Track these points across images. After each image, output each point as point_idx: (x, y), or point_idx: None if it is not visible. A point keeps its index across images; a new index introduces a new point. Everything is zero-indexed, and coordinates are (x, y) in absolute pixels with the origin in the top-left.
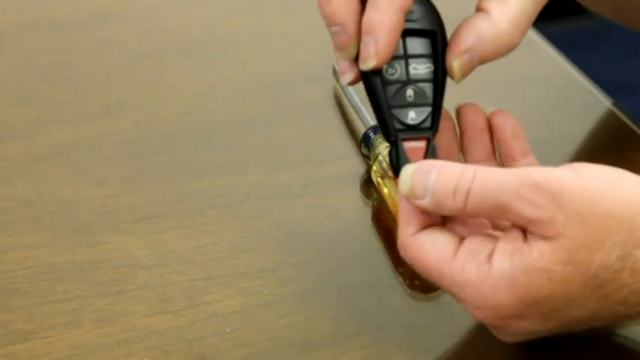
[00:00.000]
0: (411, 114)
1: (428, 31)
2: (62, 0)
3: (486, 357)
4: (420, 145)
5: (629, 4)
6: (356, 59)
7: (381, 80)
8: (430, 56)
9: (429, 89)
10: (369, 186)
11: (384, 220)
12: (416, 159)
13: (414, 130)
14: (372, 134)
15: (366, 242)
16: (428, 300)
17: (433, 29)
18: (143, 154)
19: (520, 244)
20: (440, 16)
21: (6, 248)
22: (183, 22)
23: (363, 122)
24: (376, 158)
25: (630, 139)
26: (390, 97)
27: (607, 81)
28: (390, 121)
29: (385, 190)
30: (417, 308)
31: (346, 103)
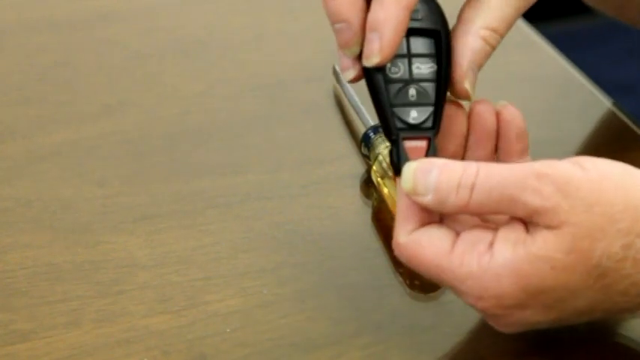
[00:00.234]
0: (413, 113)
1: (432, 30)
2: (62, 0)
3: (486, 357)
4: (421, 144)
5: (631, 1)
6: (359, 57)
7: (383, 78)
8: (433, 56)
9: (432, 89)
10: (369, 186)
11: (384, 220)
12: (416, 158)
13: (416, 129)
14: (372, 134)
15: (366, 242)
16: (428, 300)
17: (437, 29)
18: (143, 154)
19: (523, 235)
20: (444, 15)
21: (6, 248)
22: (183, 22)
23: (363, 122)
24: (376, 158)
25: (630, 139)
26: (392, 96)
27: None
28: (391, 120)
29: (385, 190)
30: (417, 308)
31: (346, 103)
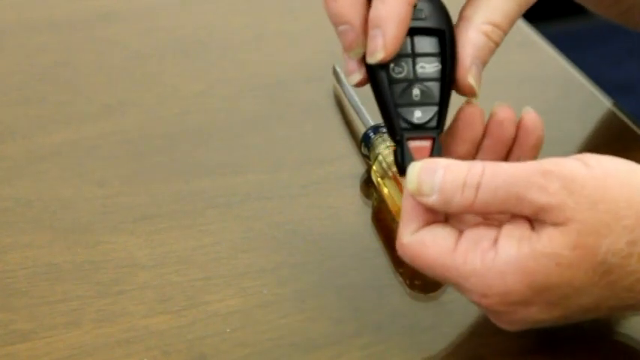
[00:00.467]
0: (417, 113)
1: (436, 29)
2: (62, 0)
3: (486, 356)
4: (425, 144)
5: (635, 7)
6: (364, 59)
7: (387, 78)
8: (438, 55)
9: (436, 88)
10: (369, 186)
11: (384, 220)
12: (421, 158)
13: (420, 129)
14: (372, 134)
15: (366, 242)
16: (428, 300)
17: (441, 28)
18: (143, 154)
19: (527, 232)
20: (449, 14)
21: (6, 248)
22: (183, 22)
23: (363, 122)
24: (376, 158)
25: (630, 139)
26: (396, 96)
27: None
28: (395, 120)
29: (385, 190)
30: (417, 308)
31: (346, 103)
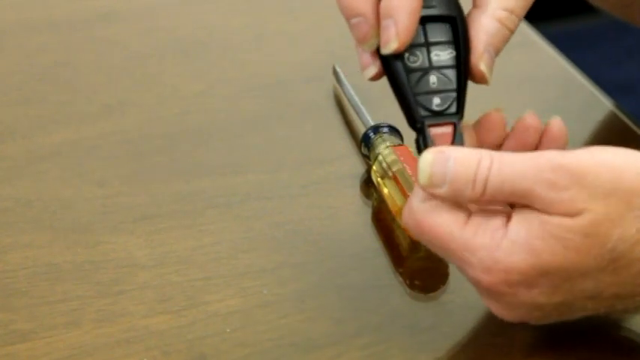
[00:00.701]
0: (436, 100)
1: (448, 16)
2: (62, 0)
3: (486, 357)
4: (446, 130)
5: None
6: (377, 52)
7: (404, 68)
8: (451, 42)
9: (453, 75)
10: (369, 186)
11: (384, 220)
12: (443, 145)
13: (440, 115)
14: (372, 134)
15: (366, 242)
16: (428, 300)
17: (453, 15)
18: (143, 154)
19: (539, 215)
20: (458, 1)
21: (6, 248)
22: (183, 22)
23: (363, 122)
24: (376, 158)
25: (631, 139)
26: (413, 85)
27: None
28: (415, 108)
29: (385, 190)
30: (417, 308)
31: (346, 103)
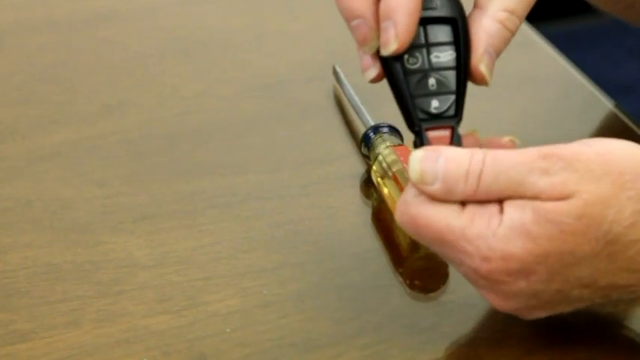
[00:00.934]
0: (434, 103)
1: (448, 18)
2: (62, 0)
3: (486, 357)
4: (444, 133)
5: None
6: (378, 54)
7: (402, 70)
8: (452, 44)
9: (452, 77)
10: (369, 186)
11: (384, 220)
12: None
13: (438, 118)
14: (372, 134)
15: (366, 242)
16: (428, 300)
17: (454, 16)
18: (143, 154)
19: (532, 201)
20: (460, 2)
21: (6, 248)
22: (183, 22)
23: (363, 122)
24: (376, 158)
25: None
26: (412, 87)
27: (607, 81)
28: (413, 111)
29: (385, 190)
30: (417, 308)
31: (346, 103)
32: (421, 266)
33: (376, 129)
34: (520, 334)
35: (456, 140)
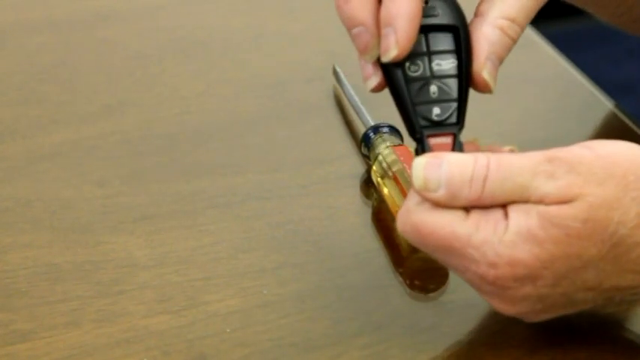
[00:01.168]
0: (436, 110)
1: (450, 26)
2: (62, 0)
3: (486, 357)
4: (446, 141)
5: (633, 9)
6: (379, 62)
7: (404, 77)
8: (453, 52)
9: (454, 85)
10: (369, 186)
11: (384, 220)
12: None
13: (440, 126)
14: (372, 134)
15: (366, 242)
16: (428, 300)
17: (455, 24)
18: (143, 154)
19: (537, 206)
20: (462, 10)
21: (6, 248)
22: (183, 22)
23: (363, 122)
24: (376, 158)
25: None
26: (413, 94)
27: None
28: (414, 118)
29: (385, 190)
30: (417, 308)
31: (346, 103)
32: (421, 266)
33: (376, 129)
34: (520, 335)
35: (457, 147)
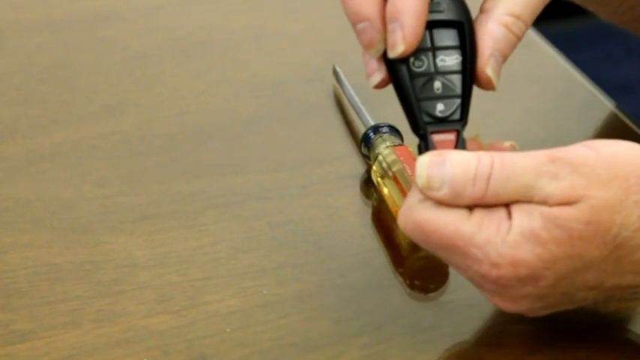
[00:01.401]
0: (440, 106)
1: (455, 22)
2: (62, 0)
3: (486, 356)
4: (449, 137)
5: (635, 9)
6: (383, 58)
7: (408, 73)
8: (458, 47)
9: (458, 81)
10: (369, 186)
11: (384, 220)
12: None
13: (443, 122)
14: (372, 134)
15: (366, 242)
16: (428, 300)
17: (460, 20)
18: (143, 154)
19: (540, 206)
20: (467, 6)
21: (6, 248)
22: (183, 22)
23: (363, 122)
24: (376, 158)
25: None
26: (417, 90)
27: (607, 81)
28: (418, 115)
29: (385, 190)
30: (417, 308)
31: (346, 103)
32: (421, 266)
33: (376, 129)
34: (520, 334)
35: (460, 144)
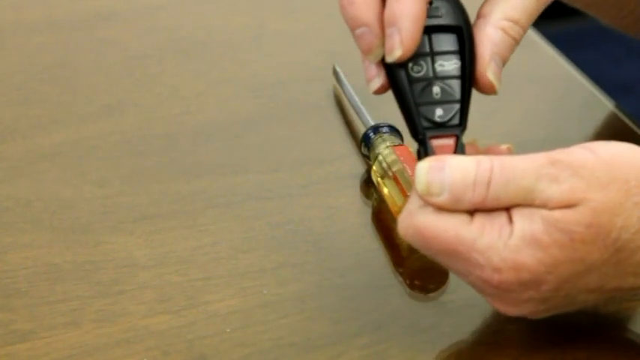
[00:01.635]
0: (439, 111)
1: (454, 26)
2: (62, 0)
3: (486, 357)
4: (448, 142)
5: (635, 13)
6: (382, 64)
7: (407, 78)
8: (457, 52)
9: (457, 86)
10: (369, 186)
11: (384, 220)
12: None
13: (442, 127)
14: (372, 134)
15: (366, 242)
16: (428, 300)
17: (459, 25)
18: (143, 154)
19: (540, 211)
20: (465, 11)
21: (6, 248)
22: (183, 22)
23: (363, 122)
24: (376, 158)
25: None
26: (416, 95)
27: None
28: (417, 120)
29: (385, 190)
30: (417, 308)
31: (346, 103)
32: (421, 266)
33: (376, 129)
34: (520, 334)
35: (460, 149)
